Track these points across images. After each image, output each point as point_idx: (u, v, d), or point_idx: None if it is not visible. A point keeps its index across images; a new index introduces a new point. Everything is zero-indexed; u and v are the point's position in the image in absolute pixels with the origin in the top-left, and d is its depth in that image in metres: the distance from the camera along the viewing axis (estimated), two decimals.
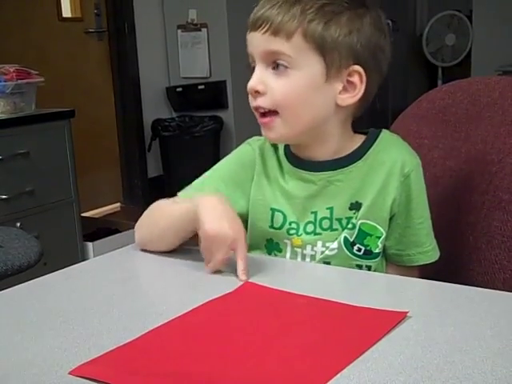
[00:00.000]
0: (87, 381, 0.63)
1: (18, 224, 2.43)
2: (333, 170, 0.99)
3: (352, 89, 0.95)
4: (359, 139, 1.02)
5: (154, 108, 4.20)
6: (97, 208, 3.96)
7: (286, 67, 0.93)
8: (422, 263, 1.03)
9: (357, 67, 0.94)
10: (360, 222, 0.99)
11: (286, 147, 1.04)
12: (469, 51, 5.55)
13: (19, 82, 2.57)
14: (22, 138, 2.55)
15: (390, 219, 1.00)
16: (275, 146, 1.04)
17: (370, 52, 0.95)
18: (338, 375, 0.61)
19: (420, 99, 1.24)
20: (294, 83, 0.93)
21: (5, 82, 2.52)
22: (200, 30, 4.14)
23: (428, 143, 1.18)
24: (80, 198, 2.83)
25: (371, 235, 0.99)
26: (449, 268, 1.09)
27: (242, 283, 0.87)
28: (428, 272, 1.02)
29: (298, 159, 1.02)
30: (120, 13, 4.02)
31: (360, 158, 1.00)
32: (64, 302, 0.85)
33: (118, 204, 4.19)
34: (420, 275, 1.04)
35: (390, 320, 0.72)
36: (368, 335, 0.70)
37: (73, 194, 2.77)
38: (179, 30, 4.22)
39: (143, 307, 0.84)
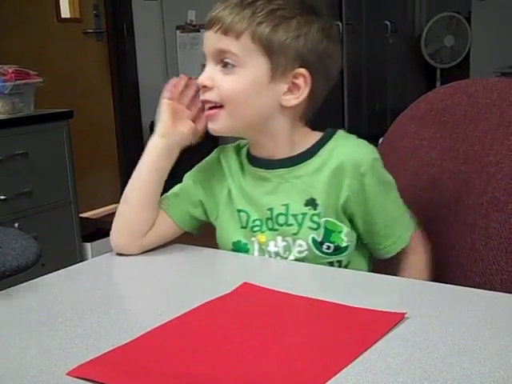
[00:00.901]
0: (85, 381, 0.63)
1: (17, 224, 2.43)
2: (287, 168, 1.03)
3: (296, 90, 0.99)
4: (315, 138, 1.04)
5: (153, 109, 4.19)
6: (95, 209, 3.95)
7: (234, 65, 0.97)
8: (400, 248, 1.04)
9: (302, 70, 0.98)
10: (323, 220, 1.01)
11: (248, 150, 1.08)
12: (467, 53, 5.56)
13: (18, 82, 2.56)
14: (20, 138, 2.54)
15: (351, 217, 1.02)
16: (238, 150, 1.09)
17: (317, 57, 0.99)
18: (336, 376, 0.61)
19: (418, 100, 1.24)
20: (239, 80, 0.98)
21: (3, 82, 2.52)
22: (199, 31, 4.14)
23: (426, 144, 1.18)
24: (78, 199, 2.83)
25: (334, 231, 1.02)
26: (447, 269, 1.09)
27: (239, 284, 0.87)
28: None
29: (256, 159, 1.06)
30: (119, 13, 4.02)
31: (313, 156, 1.02)
32: (62, 303, 0.85)
33: (117, 205, 4.19)
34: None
35: (388, 321, 0.72)
36: (366, 336, 0.70)
37: (71, 195, 2.76)
38: (178, 31, 4.22)
39: (141, 308, 0.85)
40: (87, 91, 3.90)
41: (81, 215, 2.94)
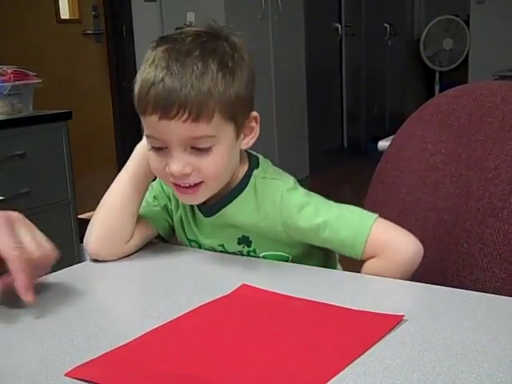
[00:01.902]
0: (83, 382, 0.63)
1: None
2: (219, 211, 1.01)
3: (250, 131, 0.97)
4: (241, 171, 1.01)
5: None
6: (93, 210, 3.94)
7: (209, 147, 0.90)
8: (361, 252, 0.94)
9: (254, 113, 0.96)
10: (262, 255, 1.02)
11: None
12: (466, 56, 5.57)
13: (17, 83, 2.56)
14: (19, 139, 2.54)
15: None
16: None
17: (253, 87, 0.95)
18: (334, 378, 0.61)
19: (426, 103, 1.22)
20: (218, 157, 0.91)
21: (2, 83, 2.52)
22: None
23: (431, 148, 1.17)
24: (77, 200, 2.82)
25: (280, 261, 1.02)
26: (443, 274, 1.08)
27: (238, 286, 0.87)
28: (423, 278, 1.02)
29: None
30: (118, 15, 4.02)
31: (239, 194, 1.00)
32: (60, 304, 0.85)
33: None
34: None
35: (386, 323, 0.72)
36: (364, 338, 0.70)
37: (69, 196, 2.76)
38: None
39: (140, 309, 0.84)
40: (86, 92, 3.89)
41: (79, 216, 2.93)
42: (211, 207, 1.02)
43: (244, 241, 1.02)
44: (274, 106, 4.53)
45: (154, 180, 1.08)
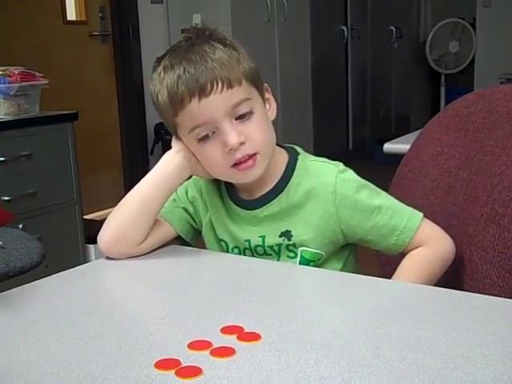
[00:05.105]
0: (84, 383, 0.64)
1: (21, 226, 2.43)
2: (260, 208, 1.05)
3: (269, 104, 1.05)
4: (282, 159, 1.06)
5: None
6: (99, 210, 3.95)
7: (250, 111, 0.98)
8: (409, 239, 1.02)
9: (265, 84, 1.04)
10: (301, 249, 1.04)
11: (228, 185, 1.09)
12: (472, 58, 5.56)
13: (24, 84, 2.57)
14: (25, 139, 2.55)
15: (350, 236, 1.04)
16: (217, 182, 1.10)
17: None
18: (340, 380, 0.61)
19: (447, 107, 1.21)
20: (260, 122, 0.99)
21: (9, 83, 2.53)
22: None
23: (447, 152, 1.16)
24: (82, 201, 2.83)
25: (313, 260, 1.04)
26: (446, 280, 1.07)
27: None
28: None
29: (238, 198, 1.08)
30: (124, 16, 4.03)
31: (282, 191, 1.04)
32: (66, 304, 0.85)
33: None
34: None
35: None
36: None
37: (75, 196, 2.77)
38: (183, 34, 4.22)
39: (145, 309, 0.85)
40: (92, 93, 3.90)
41: (85, 217, 2.94)
42: (264, 198, 1.05)
43: (285, 234, 1.04)
44: (280, 108, 4.53)
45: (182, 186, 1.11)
